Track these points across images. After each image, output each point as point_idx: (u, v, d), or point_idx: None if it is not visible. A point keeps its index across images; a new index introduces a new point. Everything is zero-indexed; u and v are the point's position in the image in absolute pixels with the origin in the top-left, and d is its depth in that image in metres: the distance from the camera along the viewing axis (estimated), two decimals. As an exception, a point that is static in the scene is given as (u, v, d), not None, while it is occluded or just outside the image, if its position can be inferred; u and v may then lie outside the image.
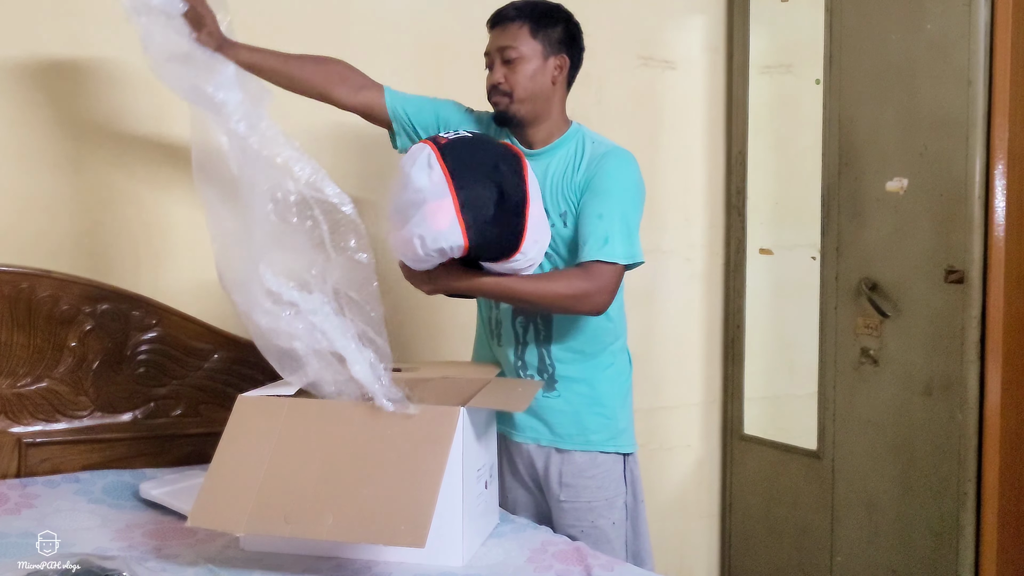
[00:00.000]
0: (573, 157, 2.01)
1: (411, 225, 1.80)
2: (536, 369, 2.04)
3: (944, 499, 2.55)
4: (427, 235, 1.79)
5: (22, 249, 2.23)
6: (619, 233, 1.91)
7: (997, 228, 2.47)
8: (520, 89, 1.98)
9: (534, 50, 1.98)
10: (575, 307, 1.92)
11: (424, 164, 1.81)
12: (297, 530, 1.58)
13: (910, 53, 2.61)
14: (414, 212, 1.79)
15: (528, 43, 1.98)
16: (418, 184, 1.79)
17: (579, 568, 1.73)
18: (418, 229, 1.79)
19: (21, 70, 2.23)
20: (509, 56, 1.98)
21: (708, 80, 3.18)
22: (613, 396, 2.06)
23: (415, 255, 1.83)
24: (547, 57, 2.00)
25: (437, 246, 1.80)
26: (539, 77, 1.99)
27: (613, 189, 1.94)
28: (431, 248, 1.80)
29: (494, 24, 2.02)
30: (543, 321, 2.02)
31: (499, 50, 1.99)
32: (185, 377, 2.35)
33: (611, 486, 2.05)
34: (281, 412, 1.73)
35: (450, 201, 1.77)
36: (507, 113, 2.00)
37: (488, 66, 2.03)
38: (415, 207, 1.79)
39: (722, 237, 3.22)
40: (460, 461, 1.71)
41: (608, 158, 1.97)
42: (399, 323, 2.68)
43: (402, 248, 1.85)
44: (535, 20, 1.99)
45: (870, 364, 2.73)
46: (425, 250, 1.81)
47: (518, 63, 1.98)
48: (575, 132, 2.05)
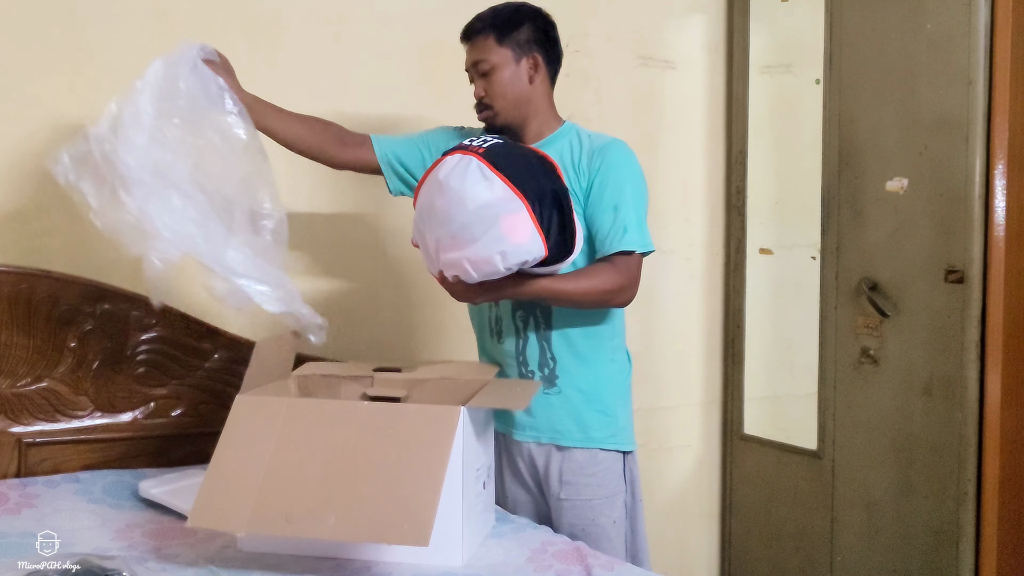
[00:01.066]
0: (570, 152, 2.03)
1: (485, 243, 1.73)
2: (537, 364, 2.04)
3: (944, 499, 2.55)
4: (509, 251, 1.74)
5: (22, 249, 2.23)
6: (634, 223, 1.95)
7: (997, 228, 2.47)
8: (499, 99, 2.02)
9: (504, 57, 2.01)
10: (611, 301, 1.96)
11: (478, 177, 1.74)
12: (299, 530, 1.58)
13: (910, 53, 2.60)
14: (485, 229, 1.73)
15: (496, 52, 2.01)
16: (481, 199, 1.73)
17: (579, 568, 1.73)
18: (497, 246, 1.73)
19: (21, 69, 2.23)
20: (483, 69, 2.02)
21: (708, 80, 3.18)
22: (613, 393, 2.07)
23: (492, 271, 1.78)
24: (518, 60, 2.03)
25: (519, 260, 1.77)
26: (515, 82, 2.03)
27: (622, 180, 1.97)
28: (512, 263, 1.77)
29: (465, 39, 2.06)
30: (543, 315, 2.03)
31: (473, 65, 2.04)
32: (185, 377, 2.35)
33: (611, 484, 2.06)
34: (280, 412, 1.73)
35: (526, 213, 1.74)
36: (495, 125, 2.04)
37: (470, 81, 2.08)
38: (485, 224, 1.73)
39: (722, 237, 3.22)
40: (460, 461, 1.71)
41: (610, 150, 2.00)
42: (400, 323, 2.68)
43: (476, 268, 1.77)
44: (499, 28, 2.02)
45: (870, 364, 2.73)
46: (507, 265, 1.76)
47: (492, 74, 2.02)
48: (568, 129, 2.08)
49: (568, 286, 1.91)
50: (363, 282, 2.62)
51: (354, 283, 2.61)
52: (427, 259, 1.87)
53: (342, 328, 2.60)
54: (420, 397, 1.98)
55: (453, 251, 1.77)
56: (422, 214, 1.84)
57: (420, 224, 1.85)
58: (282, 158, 2.51)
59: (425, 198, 1.82)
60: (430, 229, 1.81)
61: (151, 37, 2.34)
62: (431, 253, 1.84)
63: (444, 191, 1.76)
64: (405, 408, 1.77)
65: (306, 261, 2.55)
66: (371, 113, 2.59)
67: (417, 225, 1.87)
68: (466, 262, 1.77)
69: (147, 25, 2.33)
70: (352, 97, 2.58)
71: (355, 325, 2.61)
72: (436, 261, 1.83)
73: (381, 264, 2.64)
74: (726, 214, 3.22)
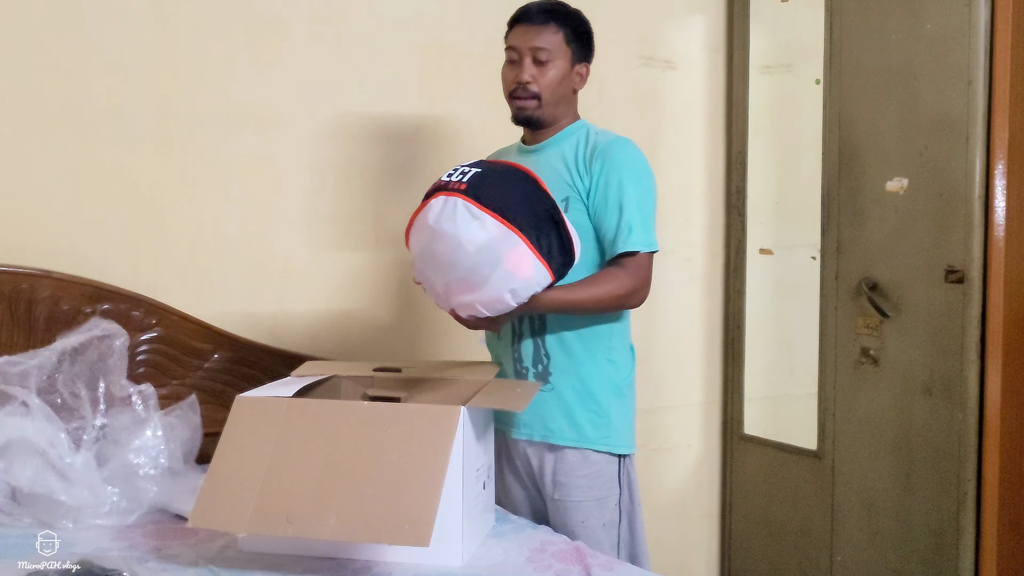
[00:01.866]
0: (576, 146, 2.03)
1: (494, 283, 1.77)
2: (532, 361, 2.04)
3: (944, 499, 2.55)
4: (518, 287, 1.79)
5: (22, 249, 2.23)
6: (639, 222, 1.95)
7: (997, 228, 2.47)
8: (548, 92, 2.02)
9: (566, 56, 2.03)
10: (625, 304, 1.98)
11: (468, 218, 1.75)
12: (300, 530, 1.58)
13: (910, 53, 2.60)
14: (492, 270, 1.76)
15: (562, 49, 2.02)
16: (479, 241, 1.74)
17: (578, 568, 1.73)
18: (507, 284, 1.78)
19: (21, 69, 2.23)
20: (543, 58, 2.01)
21: (708, 80, 3.18)
22: (606, 392, 2.05)
23: (504, 308, 1.83)
24: (573, 64, 2.05)
25: (528, 293, 1.81)
26: (565, 83, 2.05)
27: (625, 179, 1.97)
28: (523, 296, 1.82)
29: (527, 21, 2.03)
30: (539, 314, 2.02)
31: (532, 49, 2.01)
32: (185, 377, 2.35)
33: (603, 486, 2.04)
34: (280, 412, 1.73)
35: (524, 246, 1.77)
36: (532, 116, 2.04)
37: (511, 60, 2.05)
38: (490, 266, 1.76)
39: (722, 237, 3.22)
40: (460, 461, 1.71)
41: (613, 148, 2.00)
42: (401, 323, 2.68)
43: (488, 307, 1.82)
44: (571, 28, 2.03)
45: (870, 364, 2.73)
46: (517, 300, 1.82)
47: (550, 66, 2.01)
48: (579, 126, 2.09)
49: (581, 296, 1.92)
50: (363, 282, 2.62)
51: (354, 283, 2.61)
52: (436, 299, 1.90)
53: (342, 328, 2.60)
54: (420, 397, 1.98)
55: (464, 295, 1.81)
56: (423, 259, 1.85)
57: (423, 268, 1.87)
58: (283, 157, 2.52)
59: (422, 244, 1.83)
60: (436, 274, 1.83)
61: (151, 37, 2.34)
62: (441, 295, 1.87)
63: (440, 237, 1.77)
64: (405, 408, 1.77)
65: (306, 261, 2.55)
66: (372, 113, 2.59)
67: (419, 268, 1.88)
68: (478, 304, 1.81)
69: (147, 25, 2.33)
70: (353, 96, 2.58)
71: (355, 325, 2.61)
72: (447, 302, 1.86)
73: (381, 264, 2.65)
74: (726, 214, 3.22)
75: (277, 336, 2.50)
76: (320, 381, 2.01)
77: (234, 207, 2.46)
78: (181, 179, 2.40)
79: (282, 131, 2.50)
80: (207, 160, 2.42)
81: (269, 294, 2.52)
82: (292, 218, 2.53)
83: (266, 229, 2.51)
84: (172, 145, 2.38)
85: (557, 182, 2.00)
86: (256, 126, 2.46)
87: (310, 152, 2.54)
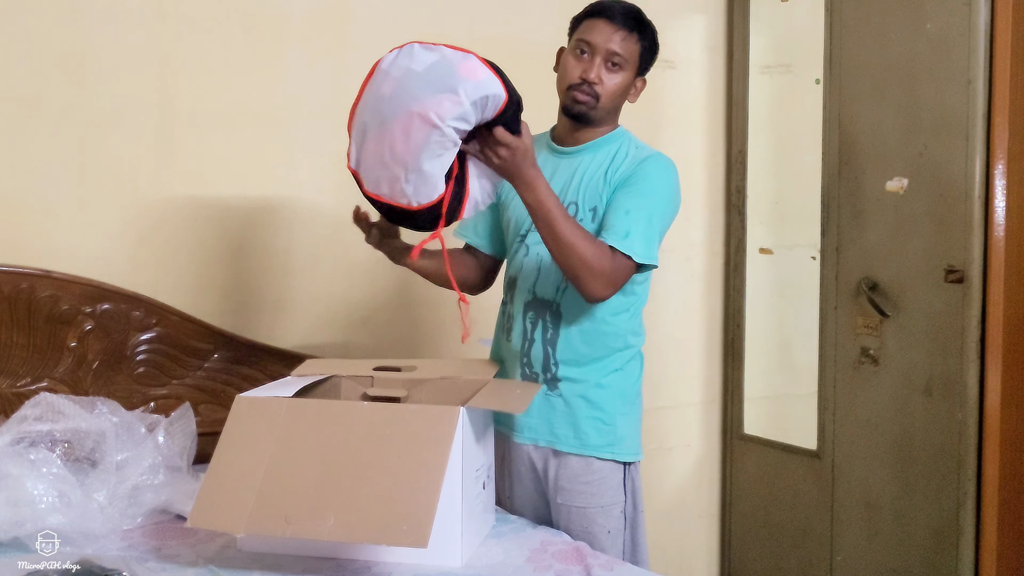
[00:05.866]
0: (613, 158, 2.00)
1: (441, 91, 1.64)
2: (541, 366, 2.03)
3: (944, 499, 2.55)
4: (468, 87, 1.64)
5: (22, 249, 2.23)
6: (640, 232, 1.89)
7: (997, 228, 2.47)
8: (608, 99, 1.98)
9: (634, 67, 2.00)
10: (584, 277, 1.84)
11: (417, 51, 1.70)
12: (298, 530, 1.58)
13: (910, 53, 2.60)
14: (441, 79, 1.65)
15: (635, 59, 1.99)
16: (429, 60, 1.68)
17: (578, 568, 1.73)
18: (457, 85, 1.64)
19: (22, 69, 2.23)
20: (617, 62, 1.97)
21: (708, 80, 3.18)
22: (613, 402, 2.03)
23: (460, 113, 1.65)
24: (635, 76, 2.02)
25: (480, 94, 1.65)
26: (624, 92, 2.02)
27: (647, 190, 1.94)
28: (475, 97, 1.65)
29: (612, 20, 1.97)
30: (552, 319, 2.01)
31: (609, 52, 1.96)
32: (185, 377, 2.35)
33: (608, 493, 2.02)
34: (280, 412, 1.73)
35: (476, 59, 1.70)
36: (586, 115, 2.00)
37: (581, 52, 1.99)
38: (441, 76, 1.65)
39: (722, 237, 3.22)
40: (460, 461, 1.71)
41: (650, 161, 1.98)
42: (401, 323, 2.68)
43: (441, 113, 1.65)
44: (648, 42, 2.00)
45: (870, 364, 2.73)
46: (471, 100, 1.65)
47: (620, 74, 1.98)
48: (619, 134, 2.06)
49: (566, 221, 1.82)
50: (364, 282, 2.62)
51: (354, 283, 2.61)
52: (378, 164, 1.74)
53: (342, 328, 2.60)
54: (420, 397, 1.98)
55: (414, 107, 1.66)
56: (364, 117, 1.75)
57: (367, 127, 1.75)
58: (283, 156, 2.52)
59: (369, 100, 1.74)
60: (382, 117, 1.71)
61: (151, 37, 2.34)
62: (387, 143, 1.70)
63: (389, 77, 1.71)
64: (405, 408, 1.77)
65: (307, 261, 2.55)
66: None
67: (361, 135, 1.77)
68: (432, 113, 1.65)
69: (147, 25, 2.33)
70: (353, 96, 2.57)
71: (356, 325, 2.61)
72: (395, 149, 1.70)
73: (382, 264, 2.64)
74: (726, 214, 3.22)
75: (277, 336, 2.50)
76: (320, 381, 2.01)
77: (234, 206, 2.46)
78: (181, 178, 2.40)
79: (282, 131, 2.50)
80: (207, 159, 2.42)
81: (269, 294, 2.52)
82: (292, 217, 2.53)
83: (266, 228, 2.51)
84: (172, 144, 2.38)
85: (590, 191, 1.98)
86: (256, 125, 2.46)
87: (310, 151, 2.54)
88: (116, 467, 1.90)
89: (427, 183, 1.72)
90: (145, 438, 1.98)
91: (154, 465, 1.94)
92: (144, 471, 1.92)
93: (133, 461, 1.93)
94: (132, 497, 1.89)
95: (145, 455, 1.94)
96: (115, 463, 1.90)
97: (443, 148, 1.69)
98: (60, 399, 1.94)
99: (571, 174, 2.01)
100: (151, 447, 1.96)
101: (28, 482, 1.76)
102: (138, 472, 1.91)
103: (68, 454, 1.91)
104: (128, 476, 1.90)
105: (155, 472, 1.94)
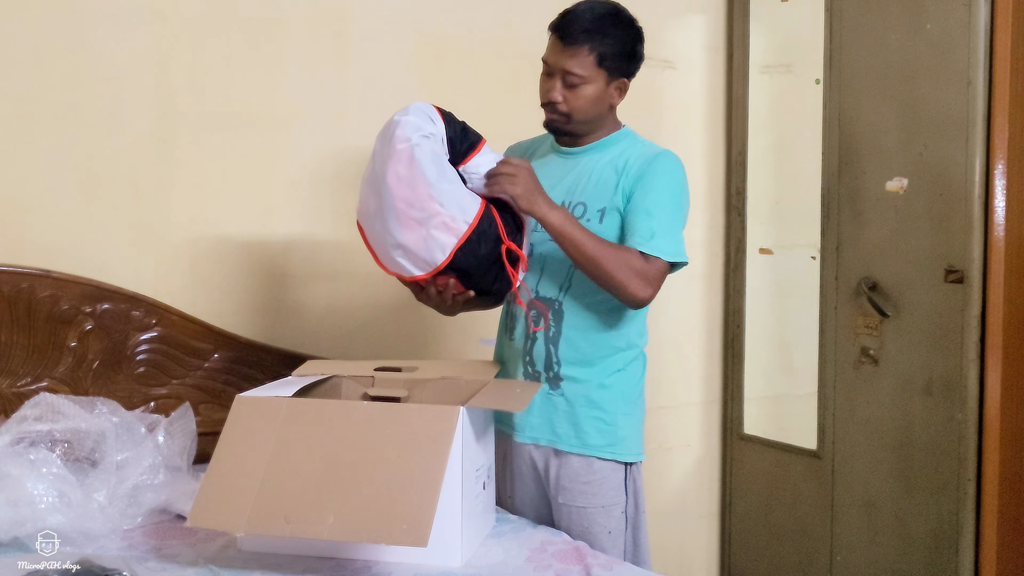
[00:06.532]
0: (618, 158, 2.01)
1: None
2: (543, 365, 2.03)
3: (944, 499, 2.55)
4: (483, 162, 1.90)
5: (22, 249, 2.23)
6: (666, 231, 1.91)
7: (997, 228, 2.47)
8: (579, 112, 1.97)
9: (598, 76, 1.95)
10: (623, 288, 1.87)
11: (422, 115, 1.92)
12: (298, 530, 1.58)
13: (910, 53, 2.61)
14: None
15: (592, 71, 1.94)
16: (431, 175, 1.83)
17: (578, 567, 1.73)
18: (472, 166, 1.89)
19: (21, 69, 2.23)
20: (571, 82, 1.94)
21: (708, 80, 3.18)
22: (615, 402, 2.03)
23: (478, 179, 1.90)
24: (609, 82, 1.98)
25: (490, 165, 1.90)
26: (600, 102, 1.98)
27: (662, 188, 1.95)
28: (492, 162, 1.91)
29: (559, 36, 1.95)
30: (554, 317, 2.02)
31: (563, 72, 1.94)
32: (185, 377, 2.35)
33: (608, 494, 2.02)
34: (280, 412, 1.73)
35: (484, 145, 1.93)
36: (562, 130, 2.01)
37: (547, 72, 1.99)
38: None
39: (722, 237, 3.22)
40: (460, 461, 1.71)
41: (660, 159, 1.98)
42: (401, 323, 2.68)
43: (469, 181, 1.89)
44: (602, 49, 1.93)
45: (870, 364, 2.73)
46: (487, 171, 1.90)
47: (580, 88, 1.95)
48: (624, 135, 2.06)
49: (591, 239, 1.86)
50: (364, 282, 2.62)
51: (354, 283, 2.61)
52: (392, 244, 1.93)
53: (342, 328, 2.60)
54: (420, 397, 1.98)
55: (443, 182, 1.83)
56: (370, 193, 1.91)
57: (370, 206, 1.92)
58: (283, 156, 2.52)
59: (373, 171, 1.90)
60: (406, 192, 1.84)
61: (151, 37, 2.34)
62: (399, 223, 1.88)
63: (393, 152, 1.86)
64: (405, 408, 1.77)
65: (307, 260, 2.55)
66: (372, 111, 2.58)
67: (366, 213, 1.95)
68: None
69: (147, 25, 2.33)
70: (353, 95, 2.58)
71: (355, 325, 2.61)
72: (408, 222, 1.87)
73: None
74: (726, 214, 3.22)
75: (277, 336, 2.50)
76: (320, 381, 2.01)
77: (234, 206, 2.46)
78: (181, 179, 2.39)
79: (282, 131, 2.50)
80: (207, 160, 2.42)
81: (269, 293, 2.52)
82: (292, 217, 2.53)
83: (266, 228, 2.51)
84: (172, 145, 2.38)
85: (598, 192, 1.99)
86: (256, 126, 2.46)
87: (310, 152, 2.54)
88: (116, 467, 1.90)
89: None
90: (145, 438, 1.98)
91: (154, 465, 1.94)
92: (144, 471, 1.92)
93: (133, 461, 1.93)
94: (132, 497, 1.89)
95: (145, 455, 1.94)
96: (115, 463, 1.90)
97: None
98: (60, 399, 1.94)
99: (578, 175, 2.02)
100: (151, 447, 1.96)
101: (28, 482, 1.76)
102: (138, 472, 1.91)
103: (68, 454, 1.90)
104: (128, 476, 1.90)
105: (155, 472, 1.93)
